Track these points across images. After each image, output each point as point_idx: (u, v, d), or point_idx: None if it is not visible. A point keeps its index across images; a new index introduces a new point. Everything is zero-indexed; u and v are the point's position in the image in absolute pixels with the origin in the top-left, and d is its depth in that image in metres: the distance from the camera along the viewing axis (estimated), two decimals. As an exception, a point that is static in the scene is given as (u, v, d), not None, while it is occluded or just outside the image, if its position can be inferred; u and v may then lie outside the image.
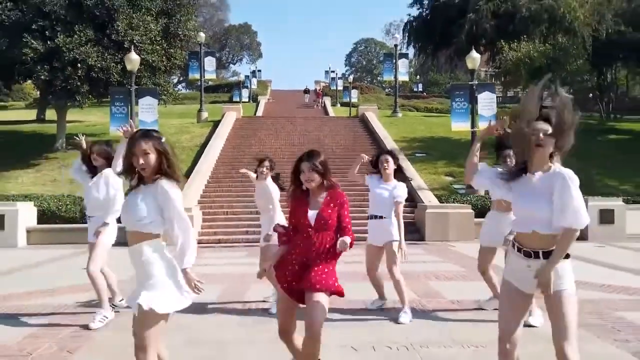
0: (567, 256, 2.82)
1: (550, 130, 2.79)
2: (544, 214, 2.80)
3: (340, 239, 3.40)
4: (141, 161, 3.01)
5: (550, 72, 20.93)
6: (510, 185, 3.00)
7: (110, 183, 5.48)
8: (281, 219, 5.98)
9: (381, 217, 5.72)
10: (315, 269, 3.39)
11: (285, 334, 3.52)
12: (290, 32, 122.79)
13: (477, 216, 12.91)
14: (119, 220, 4.26)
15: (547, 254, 2.80)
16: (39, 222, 13.35)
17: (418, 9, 34.39)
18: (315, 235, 3.42)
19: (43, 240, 12.90)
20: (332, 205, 3.48)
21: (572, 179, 2.77)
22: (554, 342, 2.83)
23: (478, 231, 6.31)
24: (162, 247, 3.11)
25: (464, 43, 29.98)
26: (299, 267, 3.44)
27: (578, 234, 2.78)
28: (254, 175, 6.42)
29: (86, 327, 5.32)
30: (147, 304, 2.91)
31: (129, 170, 3.14)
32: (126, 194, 3.37)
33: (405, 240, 5.84)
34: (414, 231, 13.43)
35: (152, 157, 3.04)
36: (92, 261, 5.48)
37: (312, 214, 3.44)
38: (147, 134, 3.13)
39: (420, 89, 64.83)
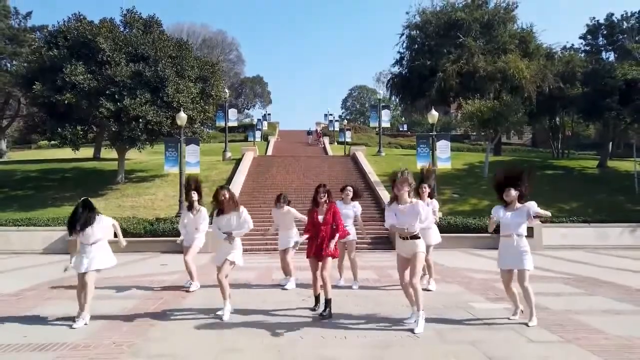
0: (418, 237, 5.81)
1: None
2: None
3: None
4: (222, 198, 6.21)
5: (496, 122, 24.21)
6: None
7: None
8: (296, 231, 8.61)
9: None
10: (324, 245, 6.40)
11: (315, 279, 6.55)
12: (294, 80, 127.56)
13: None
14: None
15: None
16: (114, 237, 16.24)
17: (399, 68, 37.65)
18: (323, 227, 6.45)
19: (119, 249, 15.76)
20: (330, 211, 6.51)
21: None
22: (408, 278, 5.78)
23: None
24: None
25: (435, 95, 33.37)
26: (318, 244, 6.44)
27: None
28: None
29: (187, 290, 8.30)
30: (232, 258, 6.08)
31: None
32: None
33: (380, 249, 8.63)
34: (388, 242, 16.34)
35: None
36: (189, 254, 8.41)
37: (320, 217, 6.49)
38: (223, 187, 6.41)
39: (405, 129, 68.12)
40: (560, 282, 9.03)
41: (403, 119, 75.41)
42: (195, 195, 8.40)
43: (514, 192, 5.90)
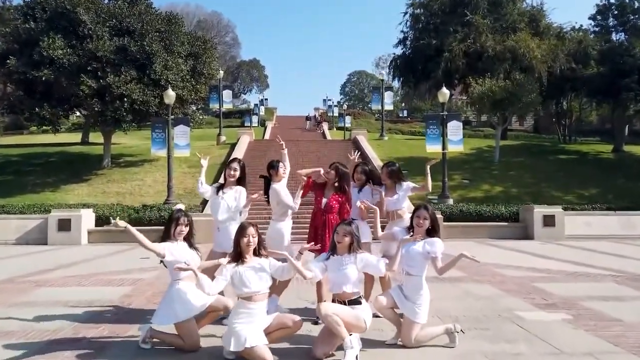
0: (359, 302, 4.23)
1: None
2: None
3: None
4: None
5: (508, 103, 22.59)
6: None
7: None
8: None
9: None
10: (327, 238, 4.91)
11: (320, 282, 4.93)
12: (292, 65, 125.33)
13: (445, 220, 14.31)
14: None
15: None
16: (96, 225, 14.76)
17: (402, 48, 35.74)
18: (324, 214, 5.08)
19: (100, 239, 14.27)
20: (338, 198, 5.07)
21: None
22: None
23: (445, 231, 6.58)
24: None
25: (441, 77, 31.44)
26: (320, 235, 5.03)
27: None
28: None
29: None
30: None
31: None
32: None
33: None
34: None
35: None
36: None
37: (324, 201, 5.08)
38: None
39: (405, 115, 66.38)
40: (612, 281, 7.57)
41: (403, 104, 73.59)
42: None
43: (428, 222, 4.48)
